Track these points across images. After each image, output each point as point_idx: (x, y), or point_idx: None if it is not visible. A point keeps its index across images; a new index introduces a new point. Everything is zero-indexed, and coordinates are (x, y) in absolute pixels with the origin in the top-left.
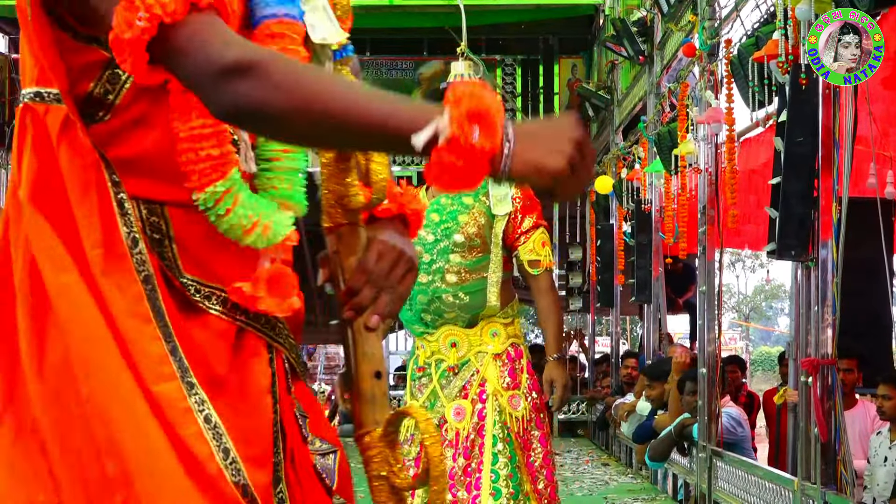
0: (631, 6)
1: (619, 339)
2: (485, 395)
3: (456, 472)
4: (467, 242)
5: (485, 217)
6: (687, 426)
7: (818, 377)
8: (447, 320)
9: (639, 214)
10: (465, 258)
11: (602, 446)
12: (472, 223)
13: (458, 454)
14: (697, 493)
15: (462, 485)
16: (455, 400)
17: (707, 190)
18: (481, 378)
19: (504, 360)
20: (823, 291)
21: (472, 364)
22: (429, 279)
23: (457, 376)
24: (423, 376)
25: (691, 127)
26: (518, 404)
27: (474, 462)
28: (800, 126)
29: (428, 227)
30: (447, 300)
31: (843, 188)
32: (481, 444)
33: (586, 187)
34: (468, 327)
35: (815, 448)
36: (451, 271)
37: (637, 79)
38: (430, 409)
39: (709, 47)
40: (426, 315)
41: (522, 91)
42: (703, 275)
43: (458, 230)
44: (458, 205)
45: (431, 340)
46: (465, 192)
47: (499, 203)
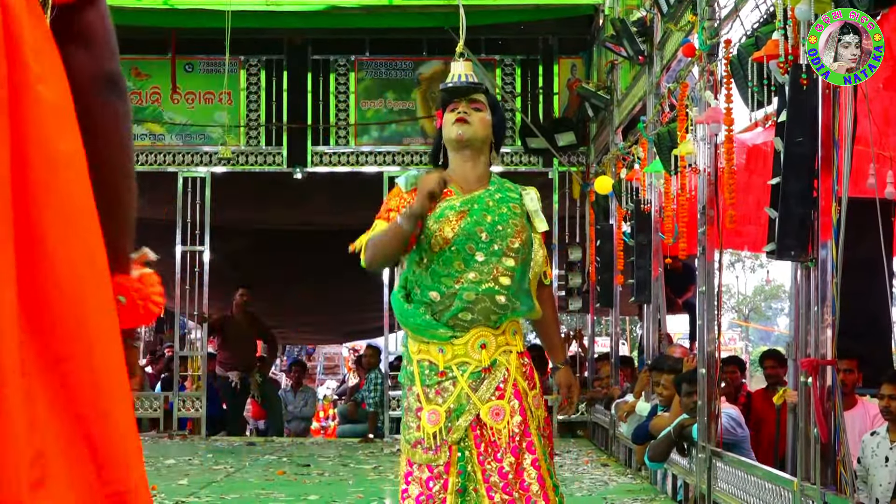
0: (630, 6)
1: (618, 339)
2: (520, 395)
3: (506, 471)
4: (521, 249)
5: (528, 227)
6: (686, 427)
7: (818, 377)
8: (486, 322)
9: (638, 215)
10: (516, 263)
11: (601, 447)
12: (524, 231)
13: (505, 453)
14: (697, 493)
15: (516, 483)
16: (490, 401)
17: (706, 190)
18: (513, 378)
19: (524, 359)
20: (823, 292)
21: (502, 364)
22: (480, 279)
23: (489, 377)
24: (446, 380)
25: (691, 127)
26: (538, 403)
27: (525, 461)
28: (799, 126)
29: (482, 225)
30: (500, 301)
31: (842, 188)
32: (529, 442)
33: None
34: (496, 328)
35: (815, 448)
36: (505, 274)
37: (637, 79)
38: (459, 414)
39: (708, 47)
40: (466, 315)
41: (522, 91)
42: (703, 275)
43: (514, 235)
44: (507, 210)
45: (458, 344)
46: (509, 199)
47: (538, 220)
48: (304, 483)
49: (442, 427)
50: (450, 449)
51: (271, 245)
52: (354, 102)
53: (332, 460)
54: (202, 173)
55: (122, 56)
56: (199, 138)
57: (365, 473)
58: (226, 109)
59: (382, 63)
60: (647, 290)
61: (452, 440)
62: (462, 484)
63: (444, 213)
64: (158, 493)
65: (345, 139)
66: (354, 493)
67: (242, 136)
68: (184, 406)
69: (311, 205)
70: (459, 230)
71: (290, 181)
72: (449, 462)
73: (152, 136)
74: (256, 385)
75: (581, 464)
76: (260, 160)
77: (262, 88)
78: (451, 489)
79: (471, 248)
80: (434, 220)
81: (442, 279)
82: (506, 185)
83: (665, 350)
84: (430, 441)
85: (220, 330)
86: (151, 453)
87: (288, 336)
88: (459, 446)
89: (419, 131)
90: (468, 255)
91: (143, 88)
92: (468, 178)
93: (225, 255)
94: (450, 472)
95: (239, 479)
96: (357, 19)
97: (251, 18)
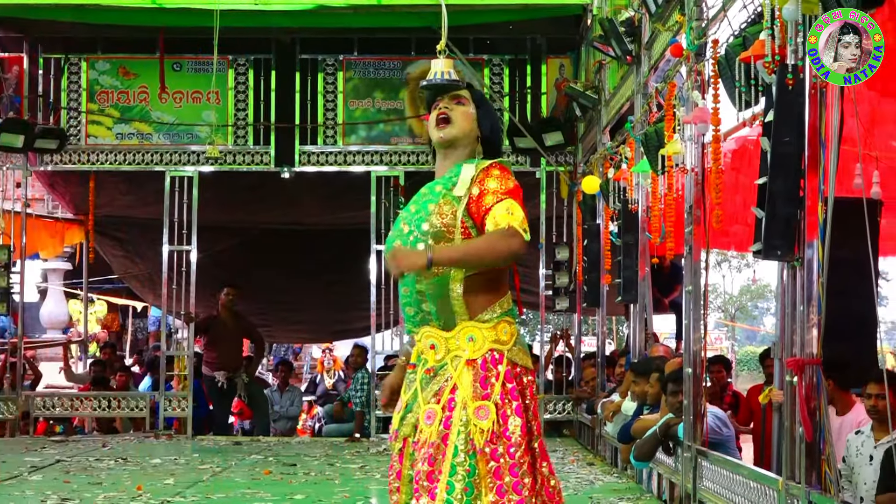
0: (618, 6)
1: (605, 338)
2: (453, 404)
3: (420, 477)
4: (431, 230)
5: (451, 205)
6: (672, 426)
7: (803, 377)
8: (425, 318)
9: (625, 214)
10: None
11: (587, 446)
12: (437, 211)
13: (424, 459)
14: (682, 492)
15: (425, 491)
16: (429, 403)
17: (693, 190)
18: (453, 385)
19: (478, 367)
20: (809, 291)
21: (448, 369)
22: None
23: (433, 379)
24: (412, 373)
25: (678, 127)
26: (485, 415)
27: (436, 470)
28: (786, 126)
29: (406, 218)
30: (419, 289)
31: (829, 188)
32: (443, 453)
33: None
34: (445, 330)
35: (800, 448)
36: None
37: (624, 79)
38: (410, 408)
39: (696, 47)
40: (409, 310)
41: (510, 91)
42: (689, 275)
43: (425, 218)
44: (430, 194)
45: (418, 339)
46: (444, 181)
47: (459, 187)
48: (290, 483)
49: (399, 417)
50: (404, 440)
51: (259, 245)
52: (342, 102)
53: (319, 460)
54: (190, 172)
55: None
56: (187, 137)
57: (351, 473)
58: (214, 109)
59: (371, 62)
60: (633, 289)
61: (405, 433)
62: (413, 475)
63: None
64: (144, 492)
65: (333, 139)
66: (341, 492)
67: (230, 136)
68: (170, 406)
69: (299, 204)
70: (393, 229)
71: (278, 181)
72: (402, 452)
73: (140, 135)
74: (243, 385)
75: (567, 463)
76: (248, 159)
77: (249, 88)
78: (403, 479)
79: (398, 242)
80: None
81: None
82: (461, 167)
83: (649, 350)
84: (392, 428)
85: (206, 330)
86: (137, 453)
87: (275, 335)
88: (412, 439)
89: (407, 131)
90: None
91: (130, 88)
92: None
93: (212, 254)
94: (403, 463)
95: (225, 479)
96: (345, 18)
97: (239, 18)
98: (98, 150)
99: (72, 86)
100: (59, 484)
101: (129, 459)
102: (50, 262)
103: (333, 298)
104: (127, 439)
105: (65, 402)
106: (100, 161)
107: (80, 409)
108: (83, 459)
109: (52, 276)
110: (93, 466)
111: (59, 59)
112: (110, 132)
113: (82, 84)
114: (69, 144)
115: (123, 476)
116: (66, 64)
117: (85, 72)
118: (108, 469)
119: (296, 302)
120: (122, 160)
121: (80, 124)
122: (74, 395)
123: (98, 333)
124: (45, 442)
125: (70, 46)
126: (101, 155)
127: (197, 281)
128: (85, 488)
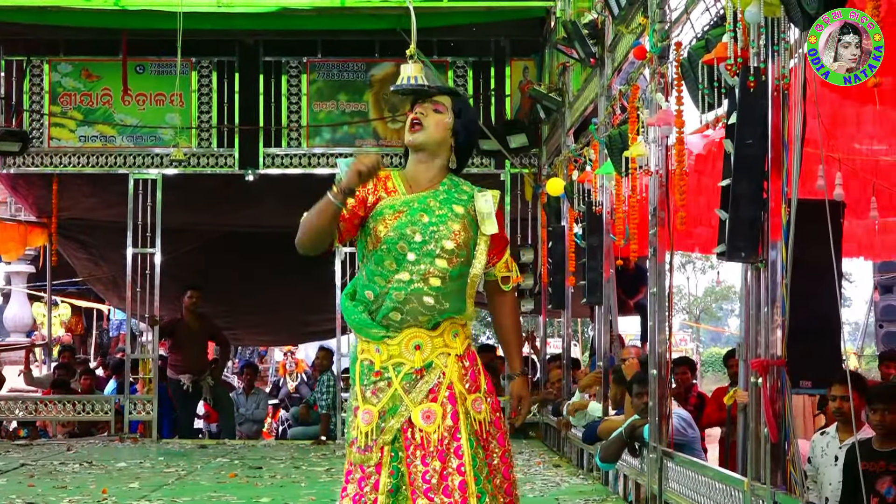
0: (582, 9)
1: (570, 340)
2: (454, 398)
3: (431, 476)
4: (456, 251)
5: (470, 230)
6: (637, 427)
7: (767, 378)
8: (417, 323)
9: (590, 216)
10: (450, 265)
11: (553, 448)
12: (463, 233)
13: (432, 457)
14: (648, 493)
15: (438, 488)
16: (423, 403)
17: (657, 192)
18: (448, 380)
19: (465, 362)
20: (773, 293)
21: (437, 366)
22: (410, 278)
23: (422, 379)
24: (381, 380)
25: (642, 129)
26: (480, 407)
27: (451, 465)
28: (749, 128)
29: (416, 225)
30: (427, 303)
31: (792, 190)
32: (457, 447)
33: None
34: (432, 330)
35: (765, 448)
36: (435, 275)
37: (588, 81)
38: (391, 414)
39: (659, 50)
40: (396, 315)
41: (474, 93)
42: (654, 276)
43: (449, 236)
44: (448, 211)
45: (392, 344)
46: (456, 200)
47: (486, 222)
48: (256, 486)
49: (374, 427)
50: (381, 450)
51: (224, 247)
52: (306, 104)
53: (285, 463)
54: (153, 175)
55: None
56: (151, 140)
57: (317, 476)
58: (177, 111)
59: (334, 65)
60: (598, 291)
61: (385, 441)
62: (395, 484)
63: (383, 211)
64: (109, 496)
65: (297, 141)
66: (307, 495)
67: (194, 138)
68: (135, 409)
69: (264, 207)
70: (392, 229)
71: (242, 183)
72: (381, 463)
73: (103, 137)
74: (209, 388)
75: (533, 465)
76: (212, 162)
77: (213, 90)
78: (382, 489)
79: (402, 247)
80: (372, 219)
81: (375, 278)
82: (461, 187)
83: (617, 352)
84: (363, 440)
85: (171, 333)
86: (102, 456)
87: (240, 338)
88: (393, 447)
89: (371, 133)
90: (399, 255)
91: (93, 90)
92: (419, 179)
93: (176, 257)
94: (381, 472)
95: (191, 482)
96: (309, 21)
97: (202, 20)
98: (61, 153)
99: (34, 88)
100: (23, 488)
101: (94, 463)
102: (13, 264)
103: (299, 301)
104: (92, 443)
105: (28, 405)
106: (63, 163)
107: (44, 413)
108: (48, 463)
109: (16, 279)
110: (58, 470)
111: (21, 60)
112: (73, 134)
113: (45, 86)
114: (32, 147)
115: (88, 480)
116: (29, 66)
117: (47, 74)
118: (73, 473)
119: (261, 304)
120: (85, 162)
121: (43, 126)
122: (38, 398)
123: (62, 337)
124: (10, 446)
125: (32, 48)
126: (64, 157)
127: (161, 284)
128: (50, 492)
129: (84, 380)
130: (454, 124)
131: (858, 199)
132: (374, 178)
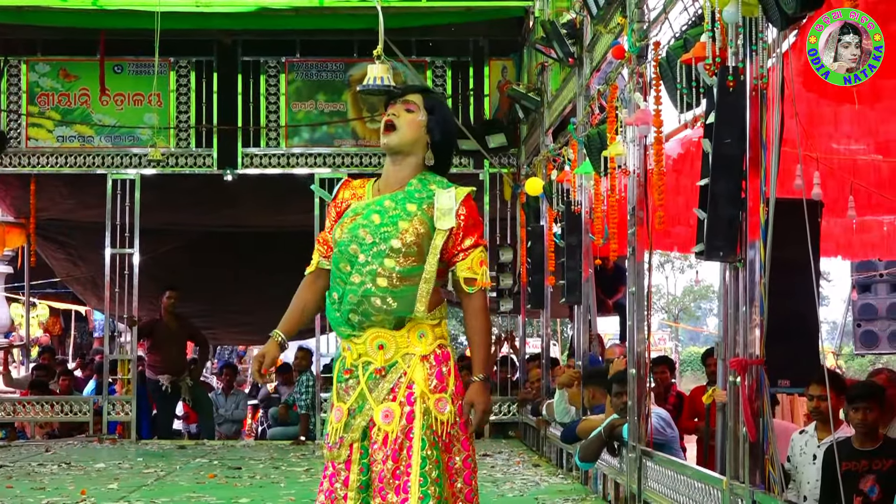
0: (560, 8)
1: (549, 340)
2: (413, 398)
3: (385, 475)
4: (404, 249)
5: (425, 227)
6: (616, 427)
7: (746, 377)
8: (374, 323)
9: (569, 216)
10: (399, 264)
11: (533, 447)
12: (412, 231)
13: (388, 457)
14: (627, 493)
15: (391, 488)
16: (383, 402)
17: (636, 191)
18: (409, 380)
19: (431, 362)
20: (751, 292)
21: (400, 366)
22: (360, 280)
23: (384, 378)
24: (351, 378)
25: (620, 129)
26: (444, 408)
27: (402, 465)
28: (727, 128)
29: (367, 227)
30: (375, 303)
31: (770, 189)
32: (409, 447)
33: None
34: (396, 329)
35: (744, 447)
36: (382, 275)
37: (567, 81)
38: (358, 412)
39: (637, 49)
40: (354, 316)
41: (453, 93)
42: (633, 276)
43: (396, 235)
44: (401, 210)
45: (358, 343)
46: (409, 199)
47: (442, 217)
48: (235, 486)
49: (343, 424)
50: (350, 447)
51: (202, 247)
52: (285, 104)
53: (264, 463)
54: (132, 175)
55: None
56: (129, 140)
57: (297, 476)
58: (155, 111)
59: (313, 64)
60: (577, 291)
61: (353, 438)
62: (364, 481)
63: (346, 215)
64: (88, 497)
65: (275, 141)
66: (286, 495)
67: (172, 138)
68: (114, 410)
69: (242, 207)
70: (346, 232)
71: (220, 183)
72: (350, 459)
73: (81, 137)
74: (187, 388)
75: (512, 464)
76: (190, 162)
77: (191, 90)
78: (351, 486)
79: (354, 249)
80: (336, 226)
81: (336, 280)
82: (428, 186)
83: (595, 351)
84: (333, 437)
85: (149, 333)
86: (81, 457)
87: (220, 337)
88: (363, 444)
89: (350, 133)
90: (352, 257)
91: (71, 90)
92: (389, 181)
93: (155, 257)
94: (351, 469)
95: (170, 483)
96: (287, 21)
97: (180, 20)
98: (39, 153)
99: (11, 88)
100: (1, 489)
101: (73, 464)
102: None
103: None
104: (70, 444)
105: (6, 406)
106: (41, 164)
107: (23, 414)
108: (26, 464)
109: None
110: (36, 471)
111: None
112: (51, 135)
113: (22, 86)
114: (9, 147)
115: (67, 481)
116: (6, 66)
117: (25, 74)
118: (52, 474)
119: (240, 304)
120: (63, 163)
121: (21, 127)
122: (17, 399)
123: (40, 337)
124: None
125: (9, 48)
126: (42, 158)
127: (140, 284)
128: (28, 493)
129: (63, 381)
130: (427, 121)
131: (836, 199)
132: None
